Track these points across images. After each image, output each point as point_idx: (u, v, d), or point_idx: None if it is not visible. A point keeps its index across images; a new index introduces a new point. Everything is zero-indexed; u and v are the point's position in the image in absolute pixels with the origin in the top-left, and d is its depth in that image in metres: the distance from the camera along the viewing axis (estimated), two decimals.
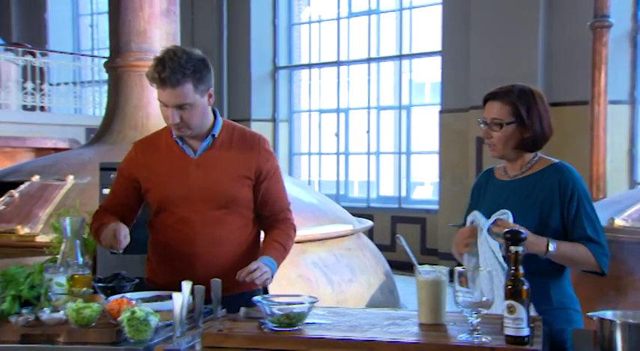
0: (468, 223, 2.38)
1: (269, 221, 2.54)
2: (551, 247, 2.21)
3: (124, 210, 2.48)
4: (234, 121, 2.62)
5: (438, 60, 9.79)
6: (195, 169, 2.42)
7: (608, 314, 1.83)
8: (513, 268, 1.78)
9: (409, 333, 1.84)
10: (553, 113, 2.42)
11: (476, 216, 2.34)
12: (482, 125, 2.40)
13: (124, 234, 2.29)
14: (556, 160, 2.42)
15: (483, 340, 1.74)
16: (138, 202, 2.51)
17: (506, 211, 2.29)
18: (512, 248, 1.81)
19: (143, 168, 2.45)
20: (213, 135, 2.45)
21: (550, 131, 2.40)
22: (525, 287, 1.75)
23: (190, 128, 2.38)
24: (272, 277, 2.38)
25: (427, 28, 10.38)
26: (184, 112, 2.33)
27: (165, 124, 2.47)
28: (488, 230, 2.24)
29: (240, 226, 2.47)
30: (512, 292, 1.74)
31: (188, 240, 2.40)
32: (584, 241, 2.27)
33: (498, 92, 2.39)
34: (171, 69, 2.27)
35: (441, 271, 2.01)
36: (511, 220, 2.26)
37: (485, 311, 1.78)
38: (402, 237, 2.26)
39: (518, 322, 1.72)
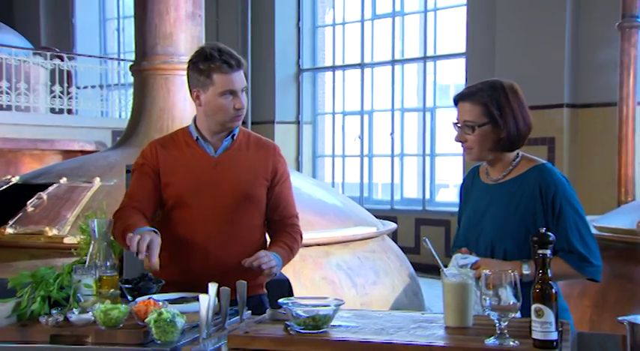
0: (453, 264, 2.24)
1: (277, 225, 2.57)
2: (525, 270, 2.13)
3: (146, 207, 2.46)
4: (258, 123, 2.68)
5: (462, 62, 9.73)
6: (215, 166, 2.47)
7: (639, 319, 1.79)
8: (541, 271, 1.76)
9: (435, 336, 1.83)
10: (581, 115, 2.38)
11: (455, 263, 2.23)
12: (455, 128, 2.29)
13: (155, 245, 2.20)
14: (540, 161, 2.30)
15: (511, 343, 1.72)
16: (158, 199, 2.50)
17: (466, 258, 2.20)
18: (540, 251, 1.78)
19: (163, 162, 2.48)
20: (233, 135, 2.51)
21: (527, 128, 2.26)
22: (554, 290, 1.73)
23: (243, 116, 2.46)
24: (278, 270, 2.41)
25: (451, 30, 10.32)
26: (244, 97, 2.43)
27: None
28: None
29: (253, 227, 2.51)
30: (541, 296, 1.72)
31: (205, 237, 2.43)
32: (565, 254, 2.17)
33: (467, 92, 2.27)
34: (232, 53, 2.40)
35: (467, 274, 1.99)
36: (472, 261, 2.18)
37: (512, 315, 1.77)
38: (428, 239, 2.25)
39: (547, 325, 1.70)
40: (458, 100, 2.32)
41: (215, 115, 2.43)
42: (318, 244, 5.06)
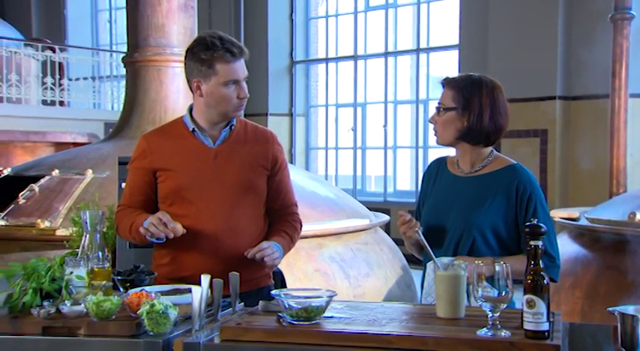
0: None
1: (278, 214, 2.55)
2: (497, 268, 2.16)
3: (145, 205, 2.45)
4: (251, 115, 2.66)
5: (455, 54, 9.73)
6: (215, 158, 2.43)
7: (630, 309, 1.80)
8: (533, 262, 1.77)
9: (428, 327, 1.84)
10: (573, 106, 2.39)
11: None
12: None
13: (168, 218, 2.27)
14: (513, 161, 2.35)
15: (502, 334, 1.73)
16: (155, 195, 2.48)
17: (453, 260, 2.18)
18: (532, 243, 1.79)
19: (159, 158, 2.43)
20: (232, 126, 2.47)
21: (494, 127, 2.29)
22: (545, 282, 1.74)
23: (244, 105, 2.44)
24: (280, 261, 2.41)
25: (444, 22, 10.31)
26: (246, 86, 2.41)
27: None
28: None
29: (256, 217, 2.49)
30: (532, 287, 1.73)
31: (210, 231, 2.39)
32: None
33: (449, 79, 2.38)
34: (234, 41, 2.39)
35: (460, 265, 2.00)
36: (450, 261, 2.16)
37: (504, 306, 1.77)
38: (420, 231, 2.26)
39: (538, 316, 1.71)
40: (442, 85, 2.41)
41: (218, 105, 2.39)
42: (312, 236, 5.06)
